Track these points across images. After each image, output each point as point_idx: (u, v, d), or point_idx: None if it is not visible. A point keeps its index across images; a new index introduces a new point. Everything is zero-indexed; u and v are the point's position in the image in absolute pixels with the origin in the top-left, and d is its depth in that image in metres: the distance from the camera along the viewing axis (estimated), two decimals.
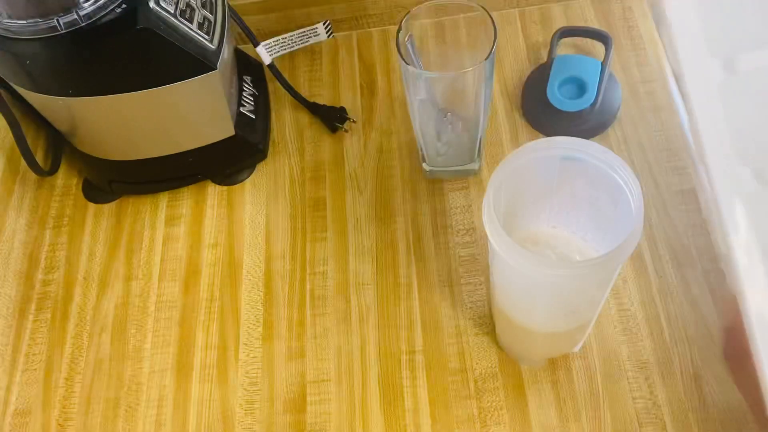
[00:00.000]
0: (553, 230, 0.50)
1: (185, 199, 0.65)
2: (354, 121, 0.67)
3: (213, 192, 0.65)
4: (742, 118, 0.36)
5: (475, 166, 0.62)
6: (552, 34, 0.68)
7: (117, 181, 0.64)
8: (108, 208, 0.65)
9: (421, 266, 0.59)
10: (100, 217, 0.65)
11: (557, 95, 0.62)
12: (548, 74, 0.63)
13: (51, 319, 0.60)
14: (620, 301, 0.55)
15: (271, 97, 0.70)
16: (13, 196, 0.63)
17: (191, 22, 0.53)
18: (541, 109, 0.63)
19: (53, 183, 0.67)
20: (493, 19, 0.51)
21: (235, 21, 0.64)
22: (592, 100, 0.61)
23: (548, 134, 0.63)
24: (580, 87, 0.63)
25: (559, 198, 0.47)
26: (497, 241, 0.39)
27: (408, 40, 0.52)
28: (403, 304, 0.57)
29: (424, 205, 0.62)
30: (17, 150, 0.61)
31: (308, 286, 0.59)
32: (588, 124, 0.62)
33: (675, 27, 0.36)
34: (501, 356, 0.54)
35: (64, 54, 0.50)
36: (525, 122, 0.65)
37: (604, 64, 0.63)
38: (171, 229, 0.64)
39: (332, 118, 0.67)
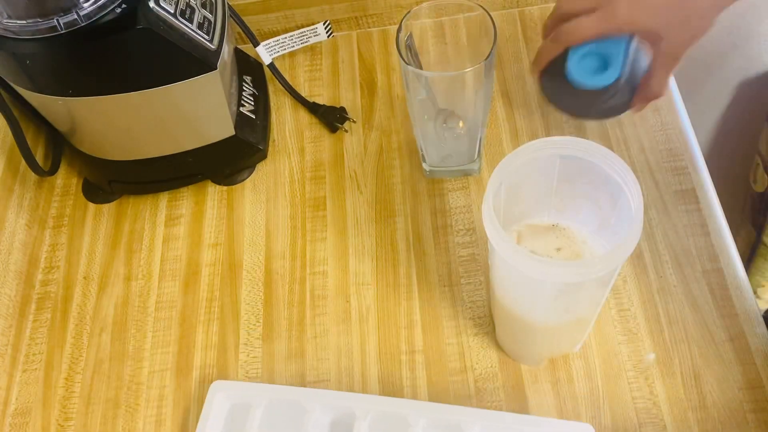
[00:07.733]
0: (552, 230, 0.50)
1: (185, 199, 0.65)
2: (354, 121, 0.67)
3: (213, 192, 0.65)
4: None
5: (475, 166, 0.62)
6: None
7: (117, 181, 0.64)
8: (108, 208, 0.65)
9: (421, 266, 0.59)
10: (100, 217, 0.65)
11: (579, 70, 0.53)
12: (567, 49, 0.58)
13: (51, 319, 0.60)
14: (620, 301, 0.55)
15: (271, 97, 0.70)
16: (13, 196, 0.63)
17: (191, 22, 0.52)
18: (561, 86, 0.57)
19: (53, 183, 0.67)
20: (493, 19, 0.51)
21: (235, 21, 0.64)
22: (618, 74, 0.51)
23: (569, 112, 0.58)
24: (602, 61, 0.53)
25: (559, 198, 0.47)
26: (497, 241, 0.39)
27: (408, 40, 0.52)
28: (403, 304, 0.57)
29: (424, 205, 0.62)
30: (17, 150, 0.61)
31: (308, 286, 0.59)
32: (616, 99, 0.54)
33: None
34: (501, 356, 0.54)
35: (64, 54, 0.50)
36: (525, 122, 0.65)
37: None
38: (171, 229, 0.64)
39: (332, 118, 0.67)
